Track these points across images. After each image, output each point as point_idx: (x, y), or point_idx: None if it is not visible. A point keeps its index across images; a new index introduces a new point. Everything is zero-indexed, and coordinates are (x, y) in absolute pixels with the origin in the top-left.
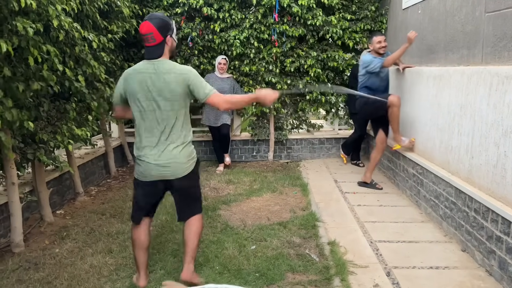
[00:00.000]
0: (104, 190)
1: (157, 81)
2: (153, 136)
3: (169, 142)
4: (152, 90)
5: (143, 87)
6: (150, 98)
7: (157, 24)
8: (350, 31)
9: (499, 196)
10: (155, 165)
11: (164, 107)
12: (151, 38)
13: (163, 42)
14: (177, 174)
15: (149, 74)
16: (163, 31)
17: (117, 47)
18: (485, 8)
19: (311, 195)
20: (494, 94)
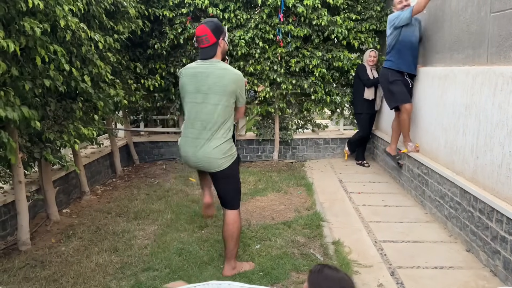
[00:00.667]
0: (110, 189)
1: (211, 75)
2: (194, 129)
3: (209, 136)
4: (204, 84)
5: (196, 80)
6: (201, 91)
7: (211, 27)
8: (355, 31)
9: (504, 196)
10: (192, 157)
11: (212, 101)
12: (205, 40)
13: (216, 43)
14: (211, 168)
15: (204, 70)
16: (216, 33)
17: (123, 47)
18: (490, 8)
19: (316, 195)
20: (499, 94)
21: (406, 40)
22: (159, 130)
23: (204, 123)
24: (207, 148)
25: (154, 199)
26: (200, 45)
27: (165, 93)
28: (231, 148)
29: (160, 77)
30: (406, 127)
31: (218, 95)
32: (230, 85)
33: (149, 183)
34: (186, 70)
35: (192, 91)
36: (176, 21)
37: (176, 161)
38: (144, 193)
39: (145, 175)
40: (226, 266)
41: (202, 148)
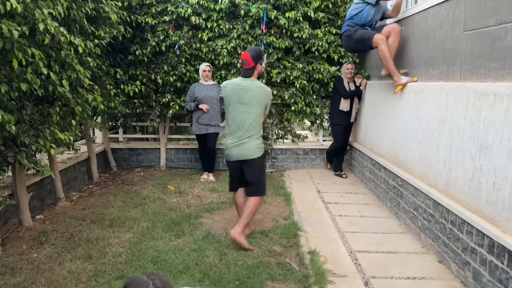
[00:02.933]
0: (85, 196)
1: (250, 91)
2: (238, 130)
3: (247, 135)
4: (245, 97)
5: (239, 94)
6: (242, 103)
7: (252, 55)
8: (335, 44)
9: (474, 209)
10: (236, 150)
11: (250, 110)
12: (247, 63)
13: (254, 67)
14: (247, 155)
15: (245, 86)
16: (255, 60)
17: (104, 53)
18: (464, 26)
19: (294, 205)
20: (471, 110)
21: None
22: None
23: (245, 126)
24: (247, 144)
25: (130, 207)
26: (244, 66)
27: (145, 99)
28: (261, 143)
29: (140, 83)
30: (387, 59)
31: (256, 106)
32: (264, 99)
33: (126, 190)
34: (231, 86)
35: (236, 102)
36: (159, 28)
37: (154, 168)
38: (121, 200)
39: (122, 182)
40: (237, 226)
41: (244, 143)
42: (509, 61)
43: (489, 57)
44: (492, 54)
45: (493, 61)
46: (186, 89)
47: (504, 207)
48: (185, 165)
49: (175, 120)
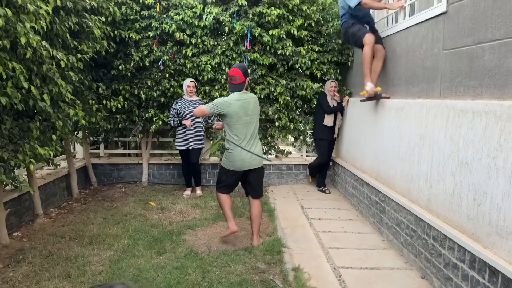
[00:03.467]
0: (64, 213)
1: (251, 102)
2: (246, 139)
3: (253, 142)
4: (249, 109)
5: (244, 107)
6: (248, 114)
7: (242, 70)
8: (318, 62)
9: (455, 224)
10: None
11: (254, 119)
12: (238, 79)
13: (244, 82)
14: (257, 164)
15: (245, 99)
16: (245, 75)
17: (86, 67)
18: (443, 45)
19: (278, 221)
20: (450, 127)
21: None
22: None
23: (253, 134)
24: (255, 149)
25: (111, 224)
26: (232, 82)
27: (127, 114)
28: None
29: (123, 99)
30: (366, 61)
31: (256, 114)
32: (258, 106)
33: (107, 206)
34: (235, 102)
35: (243, 115)
36: (142, 43)
37: (136, 184)
38: (101, 217)
39: (103, 198)
40: (255, 238)
41: (253, 150)
42: (486, 79)
43: (467, 76)
44: (470, 72)
45: (472, 80)
46: (170, 104)
47: (485, 222)
48: (167, 181)
49: (158, 135)
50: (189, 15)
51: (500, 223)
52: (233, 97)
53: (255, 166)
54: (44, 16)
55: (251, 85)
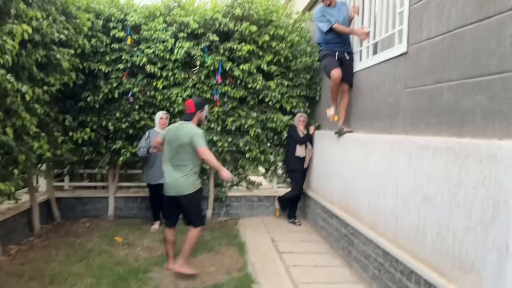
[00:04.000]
0: (25, 250)
1: (183, 134)
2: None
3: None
4: (179, 137)
5: (175, 136)
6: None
7: (194, 102)
8: (287, 96)
9: (421, 258)
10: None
11: (181, 150)
12: (189, 108)
13: (193, 113)
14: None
15: (179, 129)
16: (197, 107)
17: (53, 99)
18: (404, 84)
19: (248, 255)
20: (413, 162)
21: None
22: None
23: (179, 162)
24: (175, 176)
25: (74, 261)
26: (186, 110)
27: (94, 146)
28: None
29: (90, 130)
30: (332, 93)
31: (181, 146)
32: (189, 139)
33: (70, 242)
34: (170, 128)
35: (173, 142)
36: (112, 75)
37: (102, 218)
38: (64, 254)
39: (66, 234)
40: (178, 261)
41: (173, 176)
42: (445, 117)
43: (428, 113)
44: (430, 110)
45: (432, 117)
46: (139, 135)
47: (448, 256)
48: (135, 214)
49: (126, 167)
50: (161, 49)
51: (463, 257)
52: (173, 125)
53: (175, 193)
54: (10, 50)
55: (222, 117)
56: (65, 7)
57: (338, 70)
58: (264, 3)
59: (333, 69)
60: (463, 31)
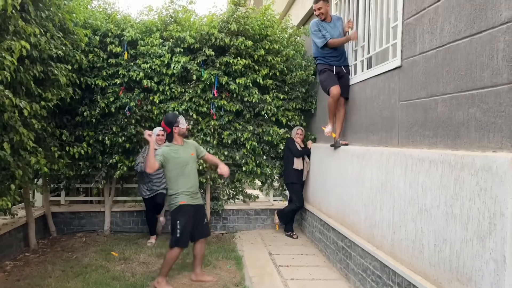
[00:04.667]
0: (21, 265)
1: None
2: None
3: None
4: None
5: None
6: None
7: (166, 122)
8: (283, 109)
9: (418, 271)
10: None
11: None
12: (165, 131)
13: (171, 132)
14: None
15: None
16: (169, 125)
17: (50, 114)
18: (399, 97)
19: (245, 269)
20: (409, 174)
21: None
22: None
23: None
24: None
25: (70, 277)
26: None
27: (91, 160)
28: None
29: (87, 145)
30: (330, 109)
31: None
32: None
33: (66, 258)
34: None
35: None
36: (109, 90)
37: (98, 233)
38: (60, 269)
39: (62, 249)
40: (156, 279)
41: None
42: (440, 130)
43: (423, 126)
44: (425, 123)
45: (427, 130)
46: (136, 150)
47: (446, 269)
48: (131, 229)
49: (122, 181)
50: (157, 64)
51: (460, 269)
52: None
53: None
54: (8, 66)
55: (219, 131)
56: (63, 24)
57: (337, 87)
58: (259, 18)
59: (332, 86)
60: (456, 45)
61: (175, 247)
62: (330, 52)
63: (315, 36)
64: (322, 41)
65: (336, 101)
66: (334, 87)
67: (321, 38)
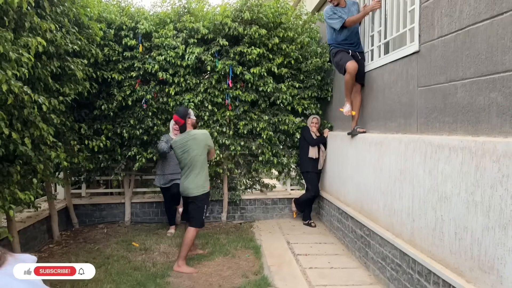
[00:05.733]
0: (45, 257)
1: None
2: None
3: None
4: (186, 146)
5: (181, 146)
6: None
7: (179, 115)
8: (298, 97)
9: (439, 259)
10: None
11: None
12: (179, 123)
13: (184, 123)
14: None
15: (184, 139)
16: (183, 117)
17: (68, 108)
18: (417, 82)
19: (264, 258)
20: (429, 161)
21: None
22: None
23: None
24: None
25: None
26: (178, 125)
27: (110, 153)
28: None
29: (105, 138)
30: (347, 86)
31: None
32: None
33: (88, 249)
34: (175, 142)
35: (180, 153)
36: (125, 83)
37: (118, 224)
38: (83, 260)
39: (85, 240)
40: (176, 263)
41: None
42: (460, 116)
43: (442, 112)
44: (445, 109)
45: (446, 116)
46: (153, 142)
47: (467, 257)
48: (151, 219)
49: (141, 173)
50: (172, 55)
51: (482, 258)
52: (176, 138)
53: (186, 194)
54: (26, 62)
55: (234, 121)
56: (78, 18)
57: (353, 62)
58: (273, 5)
59: (348, 61)
60: (476, 28)
61: (197, 228)
62: (345, 39)
63: (331, 20)
64: (340, 21)
65: (353, 77)
66: (350, 62)
67: (338, 19)
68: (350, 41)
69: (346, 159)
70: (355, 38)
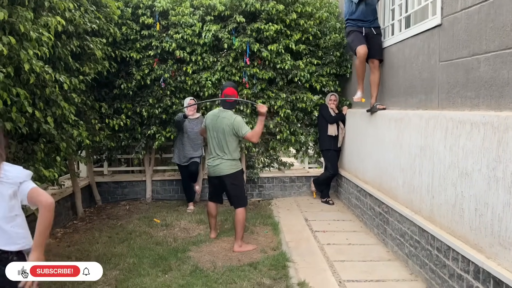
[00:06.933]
0: (70, 232)
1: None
2: None
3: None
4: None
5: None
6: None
7: (236, 88)
8: (317, 75)
9: (458, 235)
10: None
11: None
12: (233, 96)
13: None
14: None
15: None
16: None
17: (89, 88)
18: (439, 57)
19: (282, 234)
20: (450, 138)
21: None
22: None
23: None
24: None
25: (116, 242)
26: (228, 100)
27: (130, 132)
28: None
29: (125, 117)
30: (357, 72)
31: (222, 133)
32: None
33: (111, 225)
34: (210, 116)
35: (211, 130)
36: (143, 62)
37: (140, 201)
38: (106, 235)
39: (108, 217)
40: (235, 244)
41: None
42: (483, 91)
43: (464, 87)
44: (467, 84)
45: (468, 91)
46: (172, 121)
47: (487, 233)
48: (171, 197)
49: (161, 152)
50: (189, 33)
51: (502, 234)
52: (212, 112)
53: (219, 173)
54: (46, 42)
55: (251, 99)
56: None
57: (363, 47)
58: None
59: (359, 45)
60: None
61: (244, 207)
62: (360, 15)
63: None
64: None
65: (363, 62)
66: (361, 46)
67: None
68: (366, 18)
69: (365, 136)
70: (371, 15)
